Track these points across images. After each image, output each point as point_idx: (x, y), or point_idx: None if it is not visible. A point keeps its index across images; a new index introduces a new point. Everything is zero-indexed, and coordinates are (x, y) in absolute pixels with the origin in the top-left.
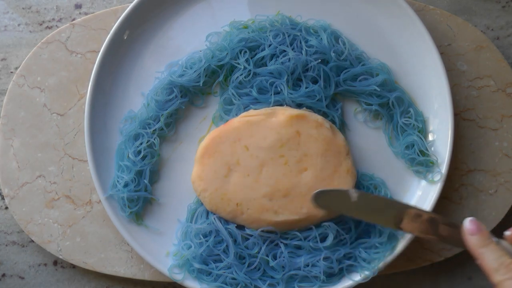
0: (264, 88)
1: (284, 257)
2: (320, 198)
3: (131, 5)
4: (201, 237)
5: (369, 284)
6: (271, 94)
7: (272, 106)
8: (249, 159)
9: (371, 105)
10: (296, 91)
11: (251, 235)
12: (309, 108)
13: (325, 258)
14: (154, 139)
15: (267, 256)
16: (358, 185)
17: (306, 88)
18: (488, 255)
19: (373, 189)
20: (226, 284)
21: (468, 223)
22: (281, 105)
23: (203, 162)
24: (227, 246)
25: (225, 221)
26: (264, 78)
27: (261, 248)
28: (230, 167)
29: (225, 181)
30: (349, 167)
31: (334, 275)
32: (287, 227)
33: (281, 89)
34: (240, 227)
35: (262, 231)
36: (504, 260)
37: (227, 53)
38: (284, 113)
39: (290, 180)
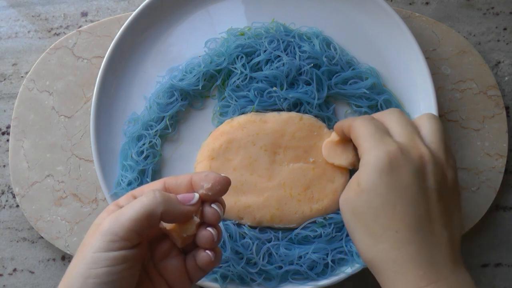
0: (260, 92)
1: (280, 255)
2: None
3: (134, 13)
4: None
5: (359, 276)
6: (269, 97)
7: (268, 108)
8: (252, 158)
9: (361, 107)
10: (291, 89)
11: (247, 234)
12: (306, 112)
13: (317, 251)
14: (156, 140)
15: (264, 254)
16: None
17: (301, 88)
18: None
19: None
20: (224, 277)
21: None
22: (277, 108)
23: (206, 162)
24: (224, 242)
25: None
26: (261, 86)
27: (257, 244)
28: (234, 167)
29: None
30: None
31: (326, 268)
32: (286, 222)
33: (277, 93)
34: (237, 224)
35: (260, 228)
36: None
37: (224, 59)
38: (282, 114)
39: (291, 180)
